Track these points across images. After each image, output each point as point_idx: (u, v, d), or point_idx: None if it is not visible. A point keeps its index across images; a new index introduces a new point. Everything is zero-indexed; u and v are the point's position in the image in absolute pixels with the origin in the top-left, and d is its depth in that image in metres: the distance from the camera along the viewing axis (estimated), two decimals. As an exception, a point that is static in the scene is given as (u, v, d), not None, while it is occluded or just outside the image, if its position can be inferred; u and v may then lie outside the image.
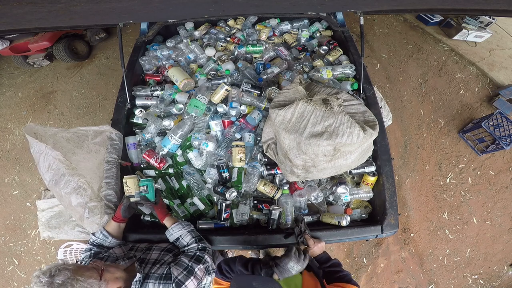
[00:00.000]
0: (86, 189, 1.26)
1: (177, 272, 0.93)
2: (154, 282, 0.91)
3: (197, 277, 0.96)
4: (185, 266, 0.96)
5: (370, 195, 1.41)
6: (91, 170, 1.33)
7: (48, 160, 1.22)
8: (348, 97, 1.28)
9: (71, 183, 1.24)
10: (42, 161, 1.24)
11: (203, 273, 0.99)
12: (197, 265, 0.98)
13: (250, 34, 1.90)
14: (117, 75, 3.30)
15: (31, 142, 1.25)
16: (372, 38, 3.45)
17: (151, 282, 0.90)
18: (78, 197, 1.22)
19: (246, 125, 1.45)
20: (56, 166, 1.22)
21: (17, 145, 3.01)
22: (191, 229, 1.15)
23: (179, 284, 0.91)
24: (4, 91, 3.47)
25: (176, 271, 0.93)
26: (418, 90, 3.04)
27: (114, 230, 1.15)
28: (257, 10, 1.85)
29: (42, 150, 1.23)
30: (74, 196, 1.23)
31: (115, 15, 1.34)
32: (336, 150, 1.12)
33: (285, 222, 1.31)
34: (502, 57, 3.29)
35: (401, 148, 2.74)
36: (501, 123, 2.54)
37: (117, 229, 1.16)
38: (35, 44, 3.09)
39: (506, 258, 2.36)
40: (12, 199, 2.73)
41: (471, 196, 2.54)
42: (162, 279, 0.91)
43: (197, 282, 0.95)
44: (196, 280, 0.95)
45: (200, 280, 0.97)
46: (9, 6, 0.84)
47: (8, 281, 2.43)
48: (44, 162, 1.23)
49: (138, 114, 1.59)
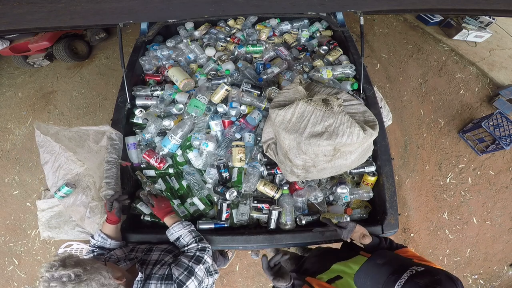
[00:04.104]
0: (91, 189, 1.27)
1: (178, 273, 0.93)
2: (156, 282, 0.91)
3: (198, 278, 0.96)
4: (186, 266, 0.97)
5: (370, 195, 1.41)
6: (92, 170, 1.33)
7: (59, 160, 1.23)
8: (348, 97, 1.28)
9: (82, 183, 1.26)
10: (52, 162, 1.24)
11: (203, 273, 1.00)
12: (197, 265, 0.99)
13: (250, 34, 1.90)
14: (117, 75, 3.30)
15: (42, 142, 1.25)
16: (372, 38, 3.45)
17: (153, 283, 0.91)
18: (83, 196, 1.23)
19: (246, 125, 1.45)
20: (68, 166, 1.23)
21: (17, 145, 3.01)
22: (191, 229, 1.15)
23: (180, 284, 0.91)
24: (4, 91, 3.47)
25: (177, 272, 0.94)
26: (418, 90, 3.04)
27: (111, 231, 1.15)
28: (257, 10, 1.85)
29: (55, 151, 1.24)
30: (80, 195, 1.25)
31: (115, 15, 1.34)
32: (336, 150, 1.12)
33: (285, 222, 1.32)
34: (502, 57, 3.29)
35: (401, 148, 2.74)
36: (501, 123, 2.54)
37: (114, 230, 1.15)
38: (35, 44, 3.09)
39: (506, 258, 2.36)
40: (12, 199, 2.73)
41: (471, 196, 2.54)
42: (164, 280, 0.92)
43: (197, 282, 0.96)
44: (197, 280, 0.96)
45: (201, 281, 0.98)
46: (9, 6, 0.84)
47: (8, 281, 2.43)
48: (55, 163, 1.24)
49: (138, 114, 1.59)
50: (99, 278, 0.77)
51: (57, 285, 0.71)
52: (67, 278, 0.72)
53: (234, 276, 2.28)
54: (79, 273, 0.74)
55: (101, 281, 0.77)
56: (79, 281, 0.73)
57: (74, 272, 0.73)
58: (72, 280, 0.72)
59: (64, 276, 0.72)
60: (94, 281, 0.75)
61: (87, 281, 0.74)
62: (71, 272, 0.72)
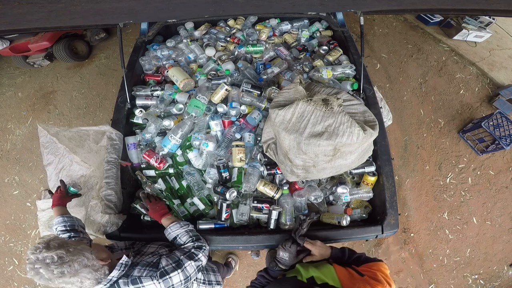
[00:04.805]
0: (94, 189, 1.27)
1: (165, 263, 0.93)
2: (141, 268, 0.91)
3: (185, 272, 0.94)
4: (176, 259, 0.96)
5: (370, 195, 1.41)
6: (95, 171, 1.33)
7: (63, 162, 1.24)
8: (348, 97, 1.28)
9: (88, 184, 1.26)
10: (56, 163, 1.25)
11: (193, 270, 0.98)
12: (188, 260, 0.97)
13: (250, 34, 1.90)
14: (117, 75, 3.30)
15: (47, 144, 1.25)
16: (372, 38, 3.45)
17: (137, 268, 0.91)
18: (84, 197, 1.23)
19: (246, 125, 1.45)
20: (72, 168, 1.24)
21: (17, 145, 3.01)
22: (189, 228, 1.14)
23: (163, 273, 0.90)
24: (4, 91, 3.47)
25: (165, 262, 0.94)
26: (418, 90, 3.04)
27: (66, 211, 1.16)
28: (257, 10, 1.85)
29: (59, 152, 1.24)
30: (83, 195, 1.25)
31: (115, 15, 1.34)
32: (336, 150, 1.12)
33: (285, 222, 1.31)
34: (502, 57, 3.29)
35: (401, 148, 2.74)
36: (501, 123, 2.54)
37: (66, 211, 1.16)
38: (35, 44, 3.09)
39: (506, 258, 2.36)
40: (12, 199, 2.73)
41: (471, 196, 2.54)
42: (149, 266, 0.92)
43: (183, 277, 0.93)
44: (183, 275, 0.94)
45: (188, 277, 0.95)
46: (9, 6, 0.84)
47: (8, 281, 2.43)
48: (58, 164, 1.24)
49: (138, 114, 1.59)
50: (82, 260, 0.80)
51: (42, 267, 0.75)
52: (50, 260, 0.75)
53: (234, 276, 2.28)
54: (62, 255, 0.77)
55: (83, 262, 0.80)
56: (62, 262, 0.76)
57: (57, 254, 0.76)
58: (55, 262, 0.76)
59: (48, 258, 0.75)
60: (76, 262, 0.78)
61: (70, 263, 0.77)
62: (54, 254, 0.76)
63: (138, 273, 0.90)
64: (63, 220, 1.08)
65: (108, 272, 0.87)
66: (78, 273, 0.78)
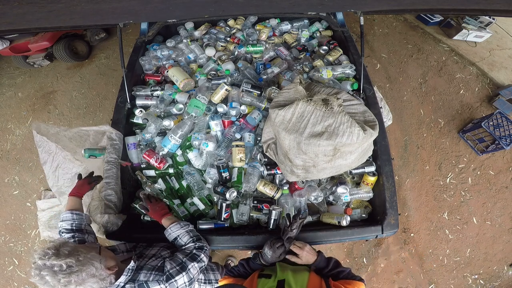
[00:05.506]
0: (94, 189, 1.27)
1: (170, 266, 0.93)
2: (146, 272, 0.91)
3: (189, 274, 0.95)
4: (179, 262, 0.97)
5: (370, 195, 1.41)
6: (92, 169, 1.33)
7: (57, 160, 1.24)
8: (348, 97, 1.28)
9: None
10: (51, 161, 1.25)
11: (196, 271, 0.98)
12: (191, 262, 0.98)
13: (250, 34, 1.90)
14: (117, 75, 3.30)
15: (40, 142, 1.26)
16: (372, 38, 3.44)
17: (143, 272, 0.91)
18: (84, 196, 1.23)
19: (246, 125, 1.45)
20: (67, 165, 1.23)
21: (17, 145, 3.01)
22: (189, 229, 1.14)
23: (169, 277, 0.90)
24: (4, 91, 3.47)
25: (170, 265, 0.94)
26: (418, 90, 3.04)
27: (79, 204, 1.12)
28: (257, 10, 1.84)
29: (52, 150, 1.24)
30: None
31: (115, 15, 1.34)
32: (336, 150, 1.12)
33: (285, 222, 1.31)
34: (502, 57, 3.29)
35: (401, 148, 2.74)
36: (501, 123, 2.54)
37: (80, 203, 1.13)
38: (35, 44, 3.09)
39: (506, 258, 2.36)
40: (12, 199, 2.73)
41: (471, 196, 2.54)
42: (154, 270, 0.92)
43: (188, 279, 0.94)
44: (188, 276, 0.94)
45: (192, 278, 0.96)
46: (9, 6, 0.84)
47: (8, 281, 2.43)
48: (53, 162, 1.24)
49: (138, 114, 1.59)
50: (90, 270, 0.78)
51: (48, 274, 0.72)
52: (59, 268, 0.73)
53: (234, 276, 2.28)
54: (71, 264, 0.75)
55: (91, 272, 0.78)
56: (70, 272, 0.74)
57: (67, 263, 0.74)
58: (63, 271, 0.73)
59: (56, 266, 0.73)
60: (84, 272, 0.76)
61: (78, 272, 0.75)
62: (63, 263, 0.73)
63: (145, 278, 0.90)
64: (71, 217, 1.05)
65: (114, 281, 0.86)
66: (85, 283, 0.77)
